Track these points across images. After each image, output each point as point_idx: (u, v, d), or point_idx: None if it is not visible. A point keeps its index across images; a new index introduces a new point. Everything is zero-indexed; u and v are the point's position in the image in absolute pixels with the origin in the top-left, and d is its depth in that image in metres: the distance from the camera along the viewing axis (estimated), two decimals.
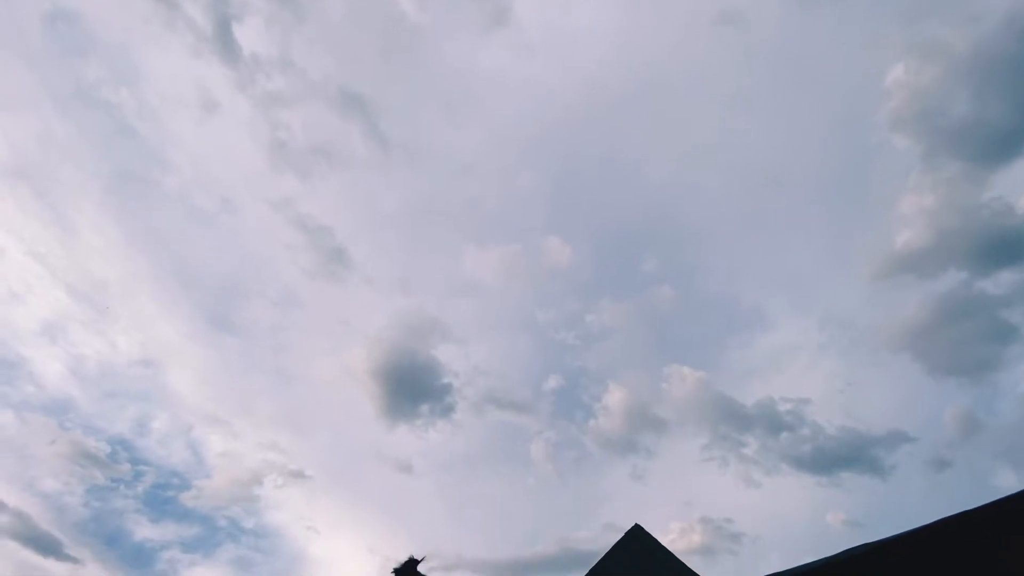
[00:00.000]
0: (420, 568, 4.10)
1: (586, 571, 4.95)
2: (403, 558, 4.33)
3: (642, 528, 4.35)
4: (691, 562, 4.91)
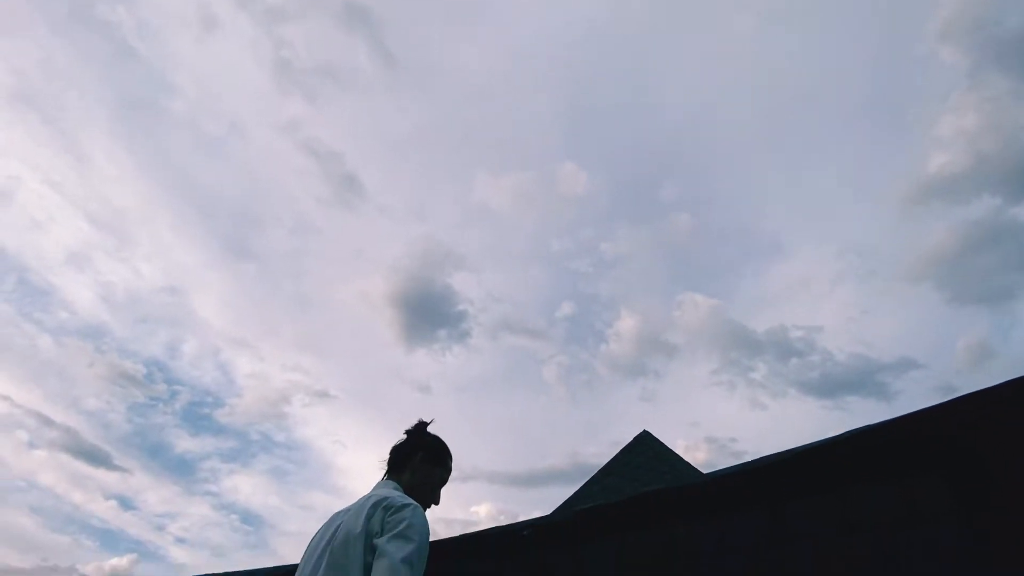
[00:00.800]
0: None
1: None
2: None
3: (649, 433, 4.51)
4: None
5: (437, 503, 1.53)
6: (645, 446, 4.53)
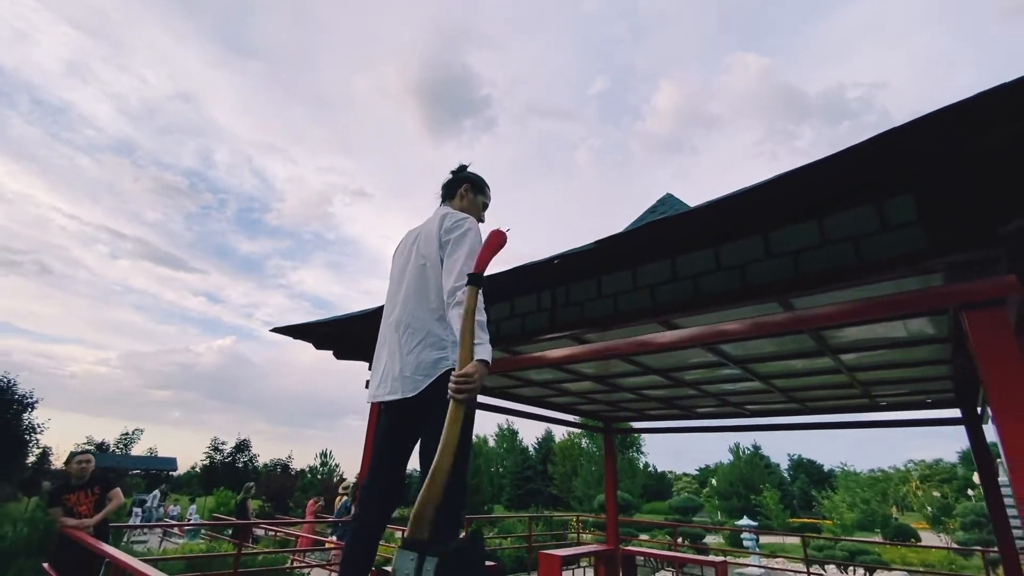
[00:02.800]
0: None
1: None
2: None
3: (672, 195, 4.89)
4: None
5: (483, 221, 2.04)
6: (667, 206, 4.95)
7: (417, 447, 1.55)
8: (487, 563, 1.24)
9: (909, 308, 2.47)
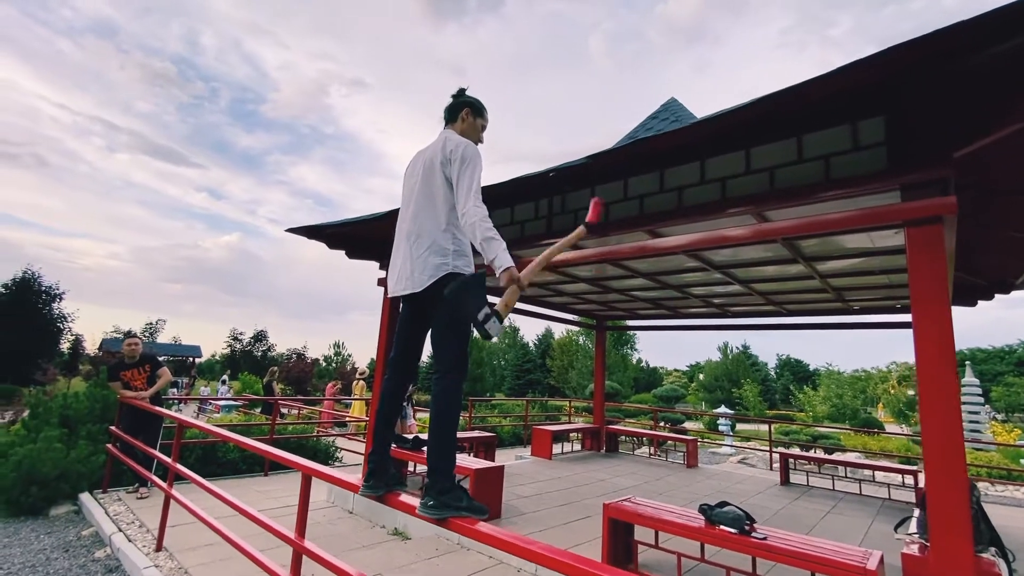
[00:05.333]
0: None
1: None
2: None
3: (676, 100, 4.90)
4: None
5: (482, 142, 2.28)
6: (670, 112, 4.99)
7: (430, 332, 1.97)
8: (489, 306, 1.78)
9: (864, 223, 2.77)
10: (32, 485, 5.10)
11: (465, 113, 2.19)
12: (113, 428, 5.24)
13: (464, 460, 4.76)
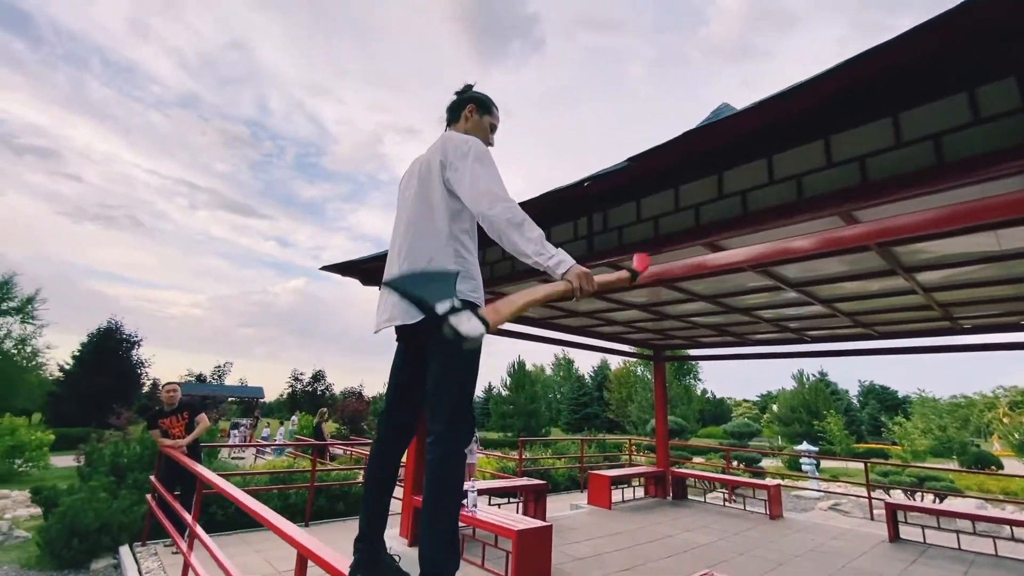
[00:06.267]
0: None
1: None
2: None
3: (729, 105, 4.41)
4: None
5: (492, 144, 1.87)
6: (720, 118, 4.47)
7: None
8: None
9: (1003, 215, 2.13)
10: (75, 537, 5.02)
11: (469, 110, 1.81)
12: (152, 478, 5.11)
13: (508, 517, 4.20)
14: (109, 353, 25.16)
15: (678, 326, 6.49)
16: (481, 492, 5.31)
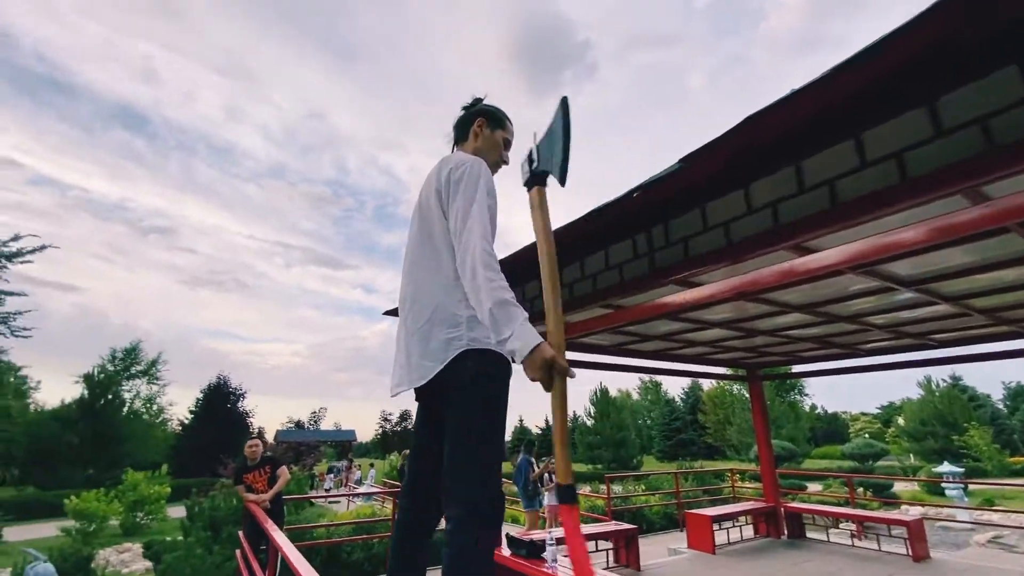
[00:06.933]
0: None
1: None
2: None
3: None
4: None
5: (507, 162, 1.63)
6: None
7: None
8: None
9: None
10: None
11: (479, 125, 1.59)
12: (240, 533, 5.22)
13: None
14: (218, 406, 27.55)
15: (772, 342, 5.79)
16: (559, 541, 4.90)
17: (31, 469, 24.65)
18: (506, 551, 4.16)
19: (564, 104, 1.22)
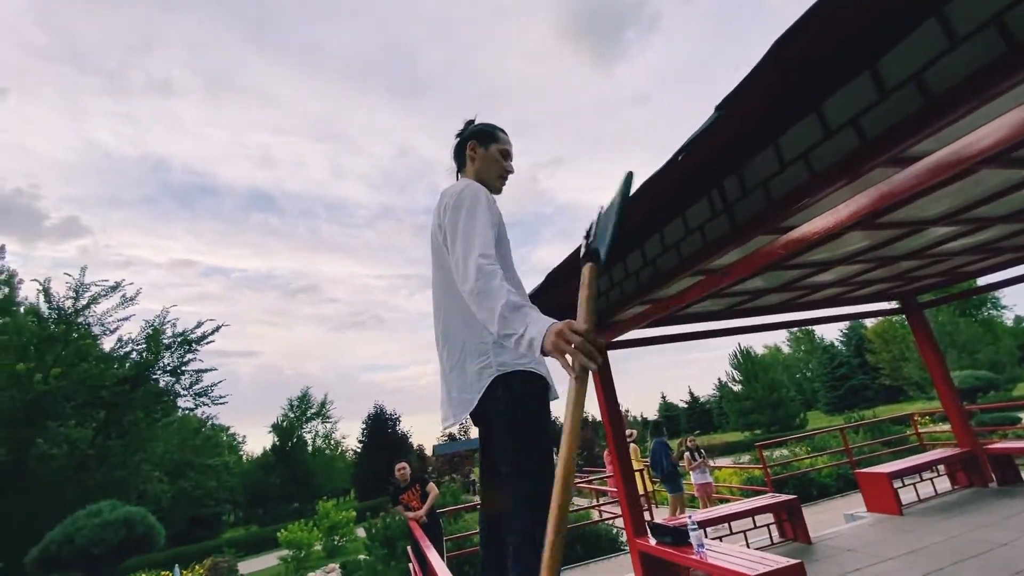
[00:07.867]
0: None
1: None
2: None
3: None
4: None
5: (511, 171, 1.63)
6: None
7: None
8: None
9: None
10: None
11: (471, 148, 1.60)
12: (409, 548, 5.74)
13: (744, 555, 3.45)
14: (381, 432, 30.63)
15: (919, 264, 4.94)
16: (712, 523, 4.64)
17: (250, 510, 29.74)
18: (652, 540, 4.05)
19: (627, 179, 1.13)
